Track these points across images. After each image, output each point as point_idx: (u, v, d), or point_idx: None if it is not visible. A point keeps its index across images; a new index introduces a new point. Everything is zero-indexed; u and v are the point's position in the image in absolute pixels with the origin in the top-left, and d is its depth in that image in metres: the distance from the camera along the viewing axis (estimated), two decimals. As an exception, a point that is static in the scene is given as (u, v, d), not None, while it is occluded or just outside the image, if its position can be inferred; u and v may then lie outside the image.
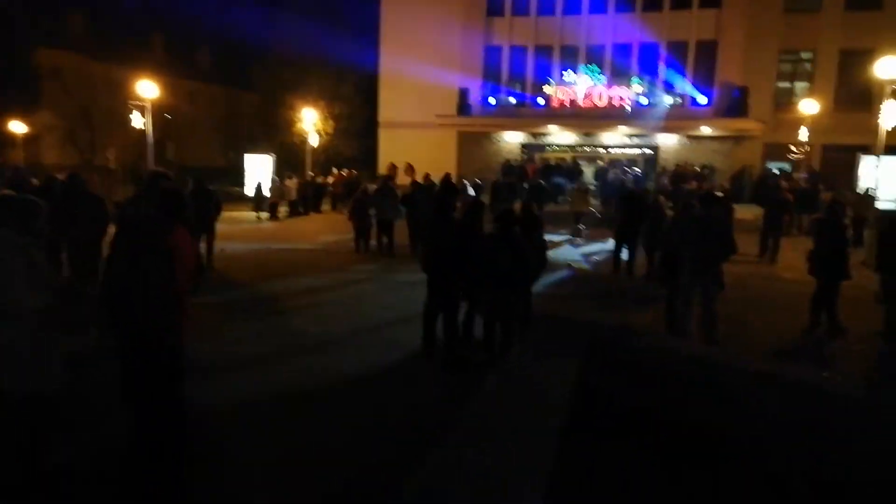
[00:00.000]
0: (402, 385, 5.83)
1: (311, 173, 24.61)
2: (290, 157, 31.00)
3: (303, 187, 22.05)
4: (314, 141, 27.56)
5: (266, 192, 20.54)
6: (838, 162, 23.54)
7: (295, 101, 32.60)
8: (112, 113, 27.38)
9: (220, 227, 11.64)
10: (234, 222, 13.47)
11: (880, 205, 14.38)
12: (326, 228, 17.96)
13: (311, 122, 27.30)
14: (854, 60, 23.92)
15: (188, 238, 3.96)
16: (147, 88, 19.48)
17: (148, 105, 19.48)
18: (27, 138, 28.78)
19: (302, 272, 11.29)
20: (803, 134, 22.30)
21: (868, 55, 20.26)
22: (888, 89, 13.98)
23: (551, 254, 13.16)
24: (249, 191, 21.98)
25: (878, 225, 10.54)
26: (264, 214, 20.46)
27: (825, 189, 16.98)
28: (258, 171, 21.99)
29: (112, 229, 4.79)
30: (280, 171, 24.06)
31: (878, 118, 14.09)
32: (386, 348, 6.83)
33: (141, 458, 3.95)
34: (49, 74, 29.78)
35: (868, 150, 17.31)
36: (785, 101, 26.68)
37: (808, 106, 22.70)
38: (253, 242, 14.52)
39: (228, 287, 9.93)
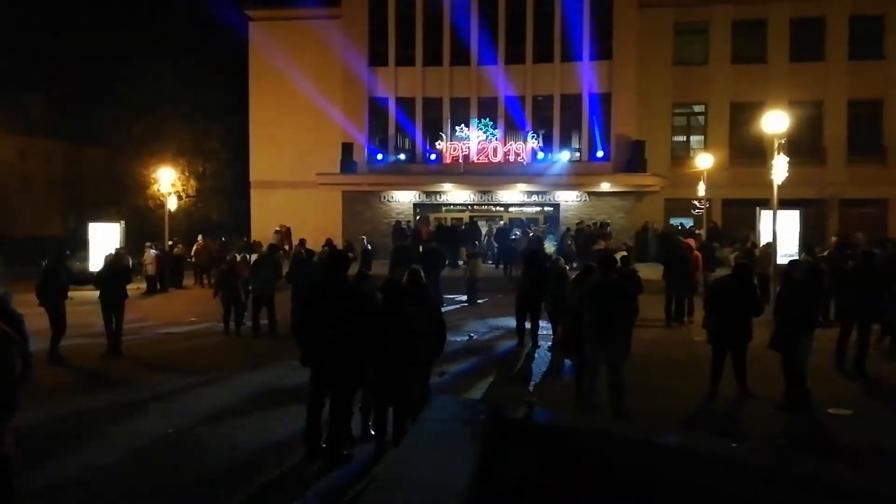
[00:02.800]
0: (286, 489, 5.65)
1: (169, 242, 23.82)
2: (144, 223, 29.92)
3: (161, 259, 21.29)
4: (173, 204, 26.73)
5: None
6: (738, 216, 25.73)
7: (149, 158, 31.70)
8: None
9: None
10: (76, 304, 12.65)
11: (780, 259, 15.76)
12: (190, 307, 17.38)
13: (168, 181, 26.57)
14: (745, 113, 26.53)
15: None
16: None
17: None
18: None
19: (159, 363, 10.80)
20: (701, 189, 24.20)
21: (757, 108, 22.51)
22: (776, 143, 15.51)
23: (450, 323, 13.45)
24: (96, 265, 20.92)
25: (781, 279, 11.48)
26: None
27: (722, 245, 18.32)
28: (105, 241, 20.98)
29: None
30: (133, 240, 23.13)
31: (771, 172, 15.51)
32: (263, 445, 6.65)
33: None
34: None
35: (766, 203, 19.03)
36: (682, 155, 29.07)
37: (704, 160, 24.72)
38: (95, 331, 13.32)
39: (64, 385, 9.35)
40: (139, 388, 9.06)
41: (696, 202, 24.65)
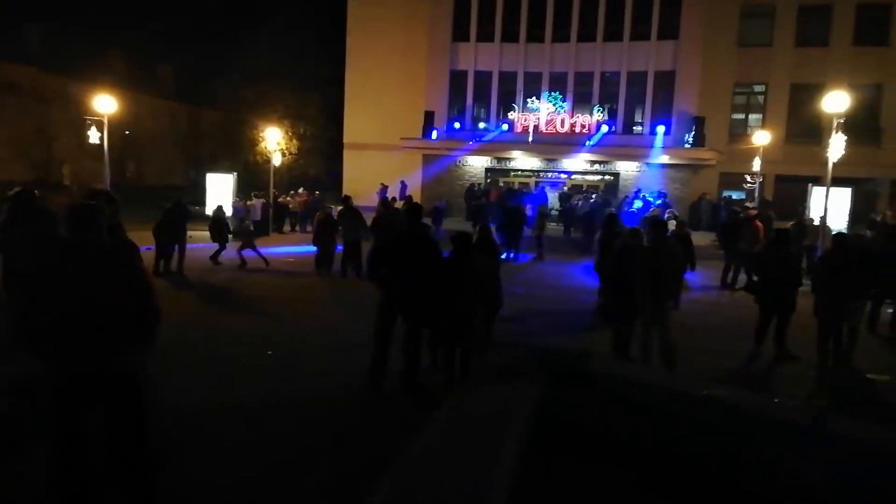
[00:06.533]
0: (353, 413, 5.70)
1: (274, 192, 24.38)
2: (253, 176, 30.70)
3: (266, 207, 21.87)
4: (277, 160, 27.29)
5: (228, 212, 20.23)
6: (790, 192, 24.43)
7: (258, 120, 32.39)
8: (69, 128, 26.77)
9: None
10: (193, 242, 13.47)
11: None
12: (289, 249, 17.83)
13: (274, 141, 27.09)
14: (804, 95, 24.97)
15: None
16: (104, 103, 19.03)
17: (105, 120, 19.04)
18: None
19: (259, 295, 11.13)
20: (756, 164, 23.01)
21: (817, 89, 21.15)
22: (835, 123, 14.58)
23: (516, 276, 13.33)
24: (210, 210, 21.68)
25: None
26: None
27: (776, 218, 17.48)
28: (220, 190, 21.67)
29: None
30: (243, 190, 23.79)
31: (826, 151, 14.65)
32: (339, 372, 6.74)
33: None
34: (4, 88, 28.98)
35: (818, 180, 17.97)
36: (739, 132, 27.63)
37: (761, 137, 23.43)
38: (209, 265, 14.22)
39: (175, 312, 9.73)
40: (245, 314, 9.37)
41: (748, 177, 23.49)
